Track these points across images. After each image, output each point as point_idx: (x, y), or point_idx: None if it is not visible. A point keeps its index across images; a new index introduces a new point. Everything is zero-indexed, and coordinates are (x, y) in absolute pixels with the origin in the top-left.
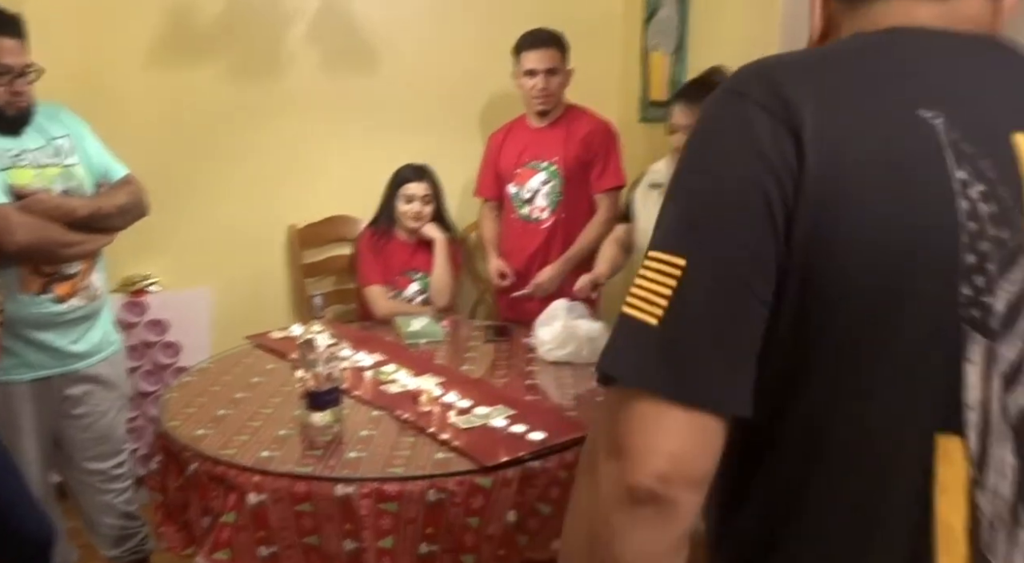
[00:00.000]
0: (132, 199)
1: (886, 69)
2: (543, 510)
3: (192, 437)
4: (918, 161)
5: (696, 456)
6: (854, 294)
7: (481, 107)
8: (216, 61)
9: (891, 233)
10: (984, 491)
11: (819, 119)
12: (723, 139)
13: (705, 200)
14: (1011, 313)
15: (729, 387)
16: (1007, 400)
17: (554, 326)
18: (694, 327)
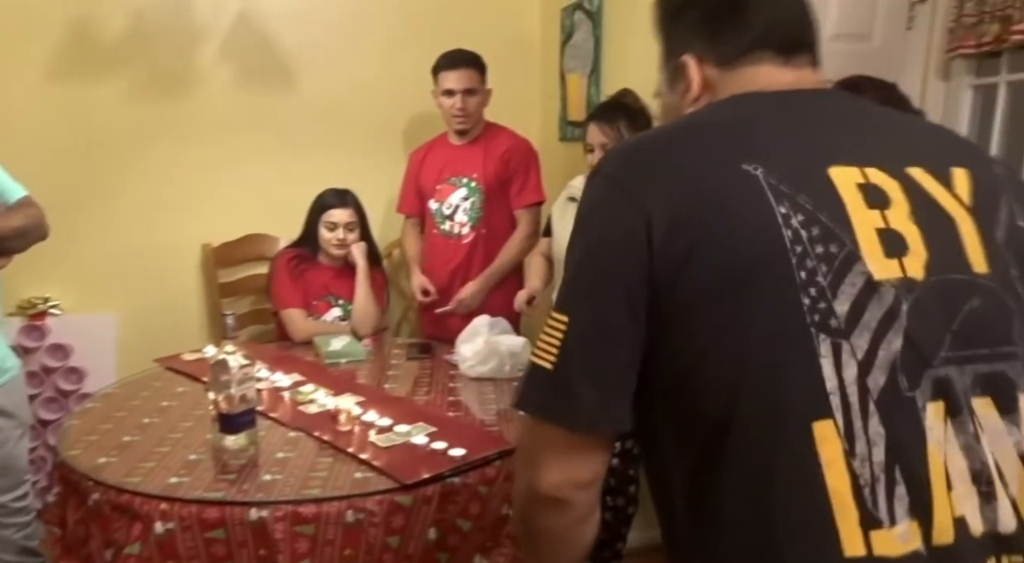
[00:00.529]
0: (30, 222)
1: (720, 135)
2: (463, 526)
3: (93, 466)
4: (748, 204)
5: (581, 468)
6: (714, 325)
7: (403, 124)
8: (122, 77)
9: (736, 267)
10: (855, 459)
11: (666, 195)
12: (593, 217)
13: (580, 268)
14: (854, 311)
15: (604, 412)
16: (867, 382)
17: (476, 342)
18: (575, 370)
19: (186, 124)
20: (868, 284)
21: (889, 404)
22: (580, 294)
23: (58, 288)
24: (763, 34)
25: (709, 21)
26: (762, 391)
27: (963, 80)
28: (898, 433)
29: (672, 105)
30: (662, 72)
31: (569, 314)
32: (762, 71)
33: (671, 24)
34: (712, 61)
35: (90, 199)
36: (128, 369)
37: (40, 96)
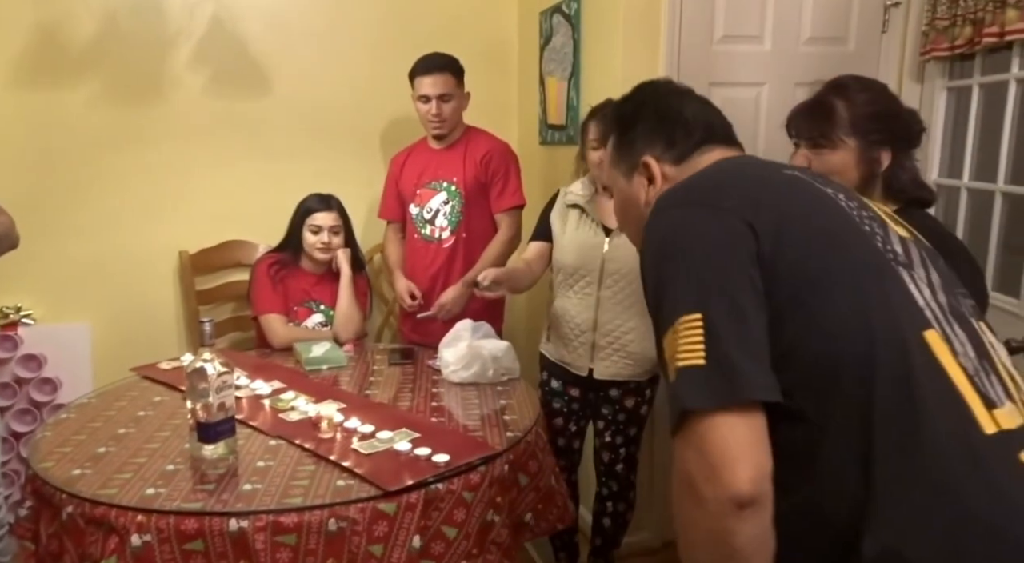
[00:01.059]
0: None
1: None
2: (448, 533)
3: (67, 478)
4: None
5: (765, 452)
6: (822, 280)
7: (382, 129)
8: (93, 80)
9: (824, 230)
10: (959, 356)
11: (743, 202)
12: (688, 232)
13: (695, 271)
14: (906, 253)
15: (767, 380)
16: (939, 299)
17: (459, 347)
18: (727, 351)
19: (160, 129)
20: (901, 238)
21: (958, 316)
22: (706, 290)
23: (30, 297)
24: (705, 133)
25: (660, 130)
26: (884, 319)
27: (937, 82)
28: (971, 336)
29: (630, 195)
30: (615, 168)
31: (701, 310)
32: (714, 154)
33: (626, 133)
34: (669, 160)
35: (62, 205)
36: (104, 379)
37: (7, 100)
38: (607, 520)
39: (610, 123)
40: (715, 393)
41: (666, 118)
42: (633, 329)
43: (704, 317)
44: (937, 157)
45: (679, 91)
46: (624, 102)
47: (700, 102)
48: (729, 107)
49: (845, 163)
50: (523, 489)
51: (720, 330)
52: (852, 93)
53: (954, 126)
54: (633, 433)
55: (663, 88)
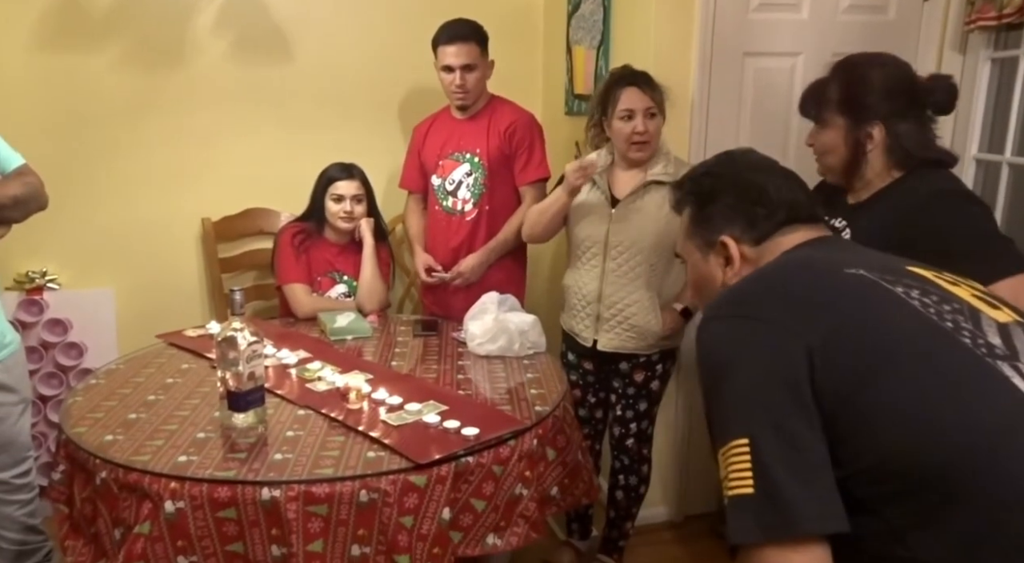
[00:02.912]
0: (29, 190)
1: (807, 264)
2: (477, 506)
3: (100, 444)
4: (868, 294)
5: None
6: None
7: (404, 97)
8: (115, 46)
9: (892, 338)
10: None
11: (802, 316)
12: (744, 351)
13: (746, 394)
14: (1007, 341)
15: (823, 510)
16: None
17: (484, 320)
18: (777, 481)
19: (182, 95)
20: (1000, 324)
21: None
22: (751, 414)
23: (55, 262)
24: (789, 212)
25: (740, 208)
26: (978, 422)
27: (981, 53)
28: None
29: (707, 274)
30: (690, 241)
31: (747, 434)
32: (796, 236)
33: (704, 207)
34: (748, 241)
35: (85, 171)
36: (128, 345)
37: (30, 65)
38: (620, 493)
39: (687, 194)
40: (765, 527)
41: (747, 196)
42: (636, 302)
43: (751, 443)
44: (978, 131)
45: (763, 165)
46: (704, 175)
47: (784, 176)
48: (764, 78)
49: (834, 141)
50: (551, 463)
51: (768, 457)
52: (851, 73)
53: (996, 99)
54: (644, 408)
55: (746, 160)
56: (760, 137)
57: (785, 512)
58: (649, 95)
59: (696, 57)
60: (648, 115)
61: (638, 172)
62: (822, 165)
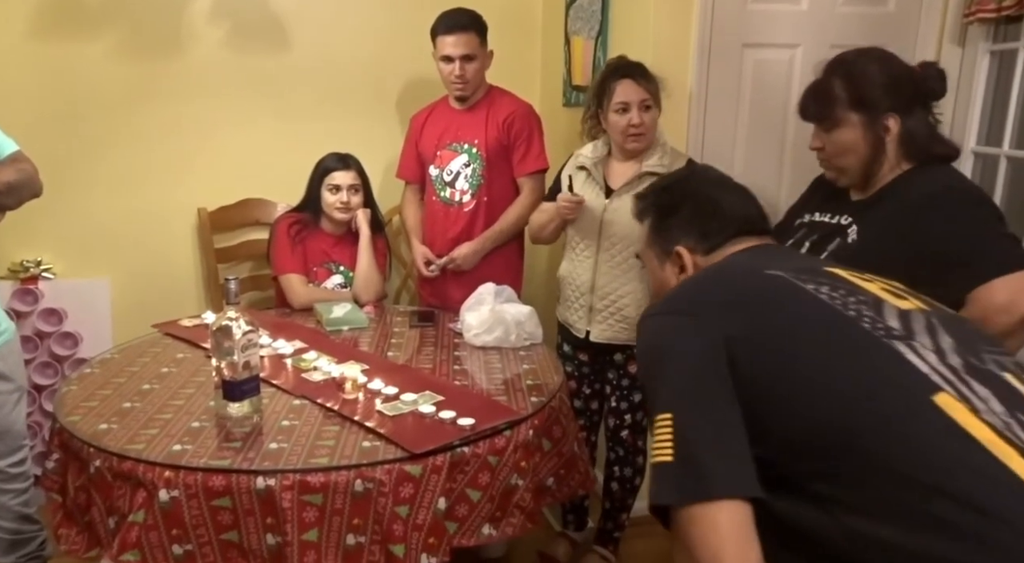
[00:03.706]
0: (22, 177)
1: (750, 263)
2: (472, 496)
3: (93, 432)
4: (785, 291)
5: (745, 541)
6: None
7: (402, 88)
8: (110, 33)
9: (803, 326)
10: (982, 414)
11: (727, 312)
12: (676, 342)
13: (674, 373)
14: (905, 325)
15: (736, 476)
16: (950, 363)
17: (481, 311)
18: (694, 451)
19: (178, 85)
20: (901, 311)
21: (977, 373)
22: (675, 393)
23: (50, 251)
24: (739, 227)
25: (696, 220)
26: (873, 393)
27: (980, 46)
28: (997, 390)
29: (663, 279)
30: (650, 249)
31: (670, 410)
32: (740, 246)
33: (664, 219)
34: (701, 252)
35: (80, 160)
36: (123, 334)
37: (26, 54)
38: (615, 484)
39: (649, 206)
40: (683, 490)
41: (703, 210)
42: (629, 293)
43: (673, 417)
44: (976, 124)
45: (720, 182)
46: (665, 189)
47: (738, 193)
48: (762, 69)
49: (854, 139)
50: (546, 454)
51: (686, 429)
52: (851, 69)
53: (995, 92)
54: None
55: (704, 177)
56: (758, 128)
57: (700, 476)
58: (644, 87)
59: (695, 48)
60: (643, 107)
61: (634, 163)
62: (834, 168)
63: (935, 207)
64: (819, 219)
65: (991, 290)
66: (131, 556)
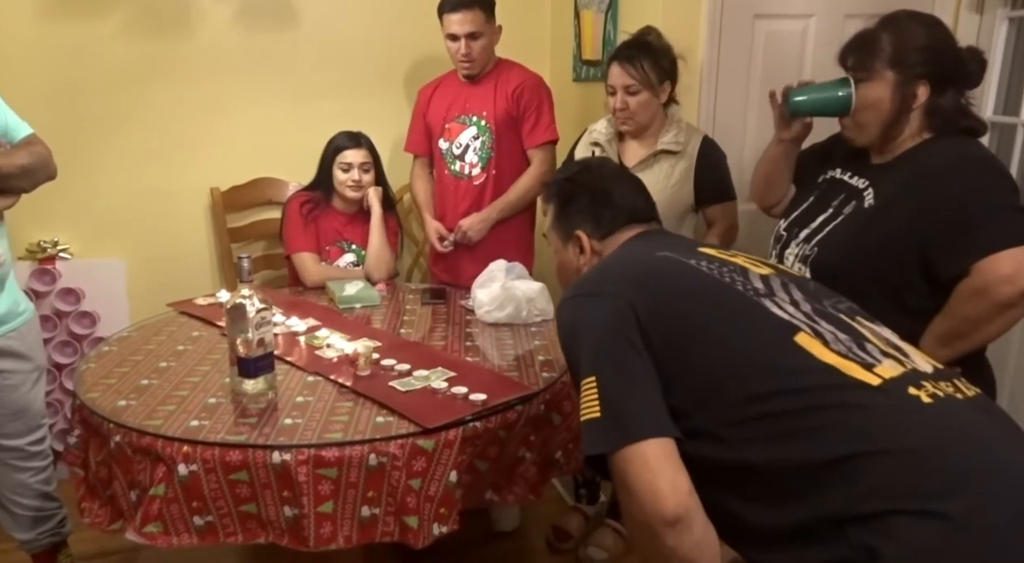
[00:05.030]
0: (36, 160)
1: (635, 250)
2: (480, 466)
3: (113, 409)
4: (674, 266)
5: (676, 473)
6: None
7: (412, 65)
8: (119, 12)
9: (689, 292)
10: (831, 344)
11: (629, 286)
12: (592, 315)
13: (592, 342)
14: (766, 286)
15: (654, 421)
16: (803, 310)
17: (492, 287)
18: (617, 405)
19: (189, 64)
20: (762, 276)
21: (825, 316)
22: (595, 357)
23: (65, 232)
24: (629, 216)
25: (592, 209)
26: (751, 336)
27: (998, 12)
28: (840, 326)
29: (566, 259)
30: (555, 231)
31: (595, 373)
32: (630, 233)
33: (563, 208)
34: (597, 237)
35: (93, 140)
36: (139, 313)
37: (37, 35)
38: None
39: (552, 195)
40: (611, 438)
41: (597, 200)
42: None
43: (597, 379)
44: (993, 93)
45: (614, 176)
46: (565, 180)
47: (629, 186)
48: (774, 40)
49: (880, 96)
50: (556, 428)
51: (609, 388)
52: (901, 26)
53: (1014, 58)
54: None
55: (600, 171)
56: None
57: (626, 424)
58: (630, 73)
59: (705, 20)
60: (628, 92)
61: (649, 140)
62: (855, 124)
63: (951, 175)
64: (840, 177)
65: (997, 261)
66: (154, 528)
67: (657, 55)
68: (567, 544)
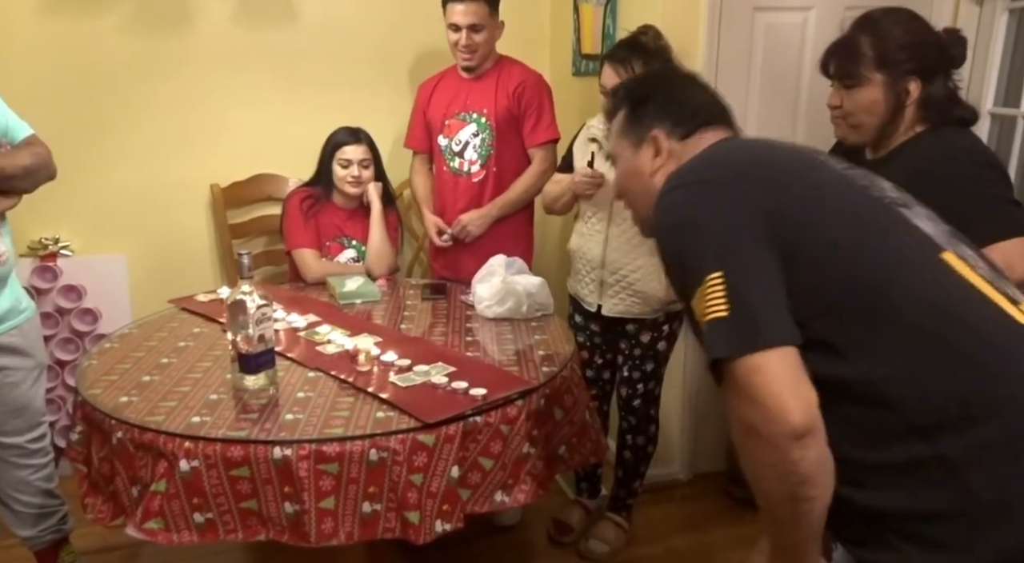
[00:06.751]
0: (38, 160)
1: (744, 144)
2: (485, 464)
3: (115, 405)
4: (801, 159)
5: (804, 383)
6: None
7: (411, 59)
8: (118, 8)
9: (821, 193)
10: (976, 269)
11: (744, 179)
12: (702, 204)
13: (715, 235)
14: (901, 195)
15: (784, 325)
16: (942, 229)
17: (492, 282)
18: (747, 303)
19: (186, 59)
20: (893, 186)
21: (962, 240)
22: (721, 252)
23: (67, 229)
24: (708, 116)
25: (668, 109)
26: (897, 247)
27: (998, 4)
28: (977, 253)
29: (636, 165)
30: (624, 137)
31: (720, 269)
32: (712, 135)
33: (636, 109)
34: (675, 135)
35: (93, 137)
36: (141, 310)
37: (36, 31)
38: (628, 453)
39: (622, 99)
40: (741, 342)
41: (674, 99)
42: (640, 268)
43: (724, 275)
44: (993, 84)
45: (688, 77)
46: (636, 82)
47: (703, 88)
48: (773, 33)
49: (873, 99)
50: (558, 423)
51: (738, 284)
52: (878, 28)
53: (1015, 50)
54: (650, 368)
55: (674, 73)
56: (770, 94)
57: (755, 328)
58: (619, 74)
59: (705, 12)
60: None
61: None
62: (848, 125)
63: (944, 167)
64: None
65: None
66: (154, 524)
67: (650, 57)
68: (568, 538)
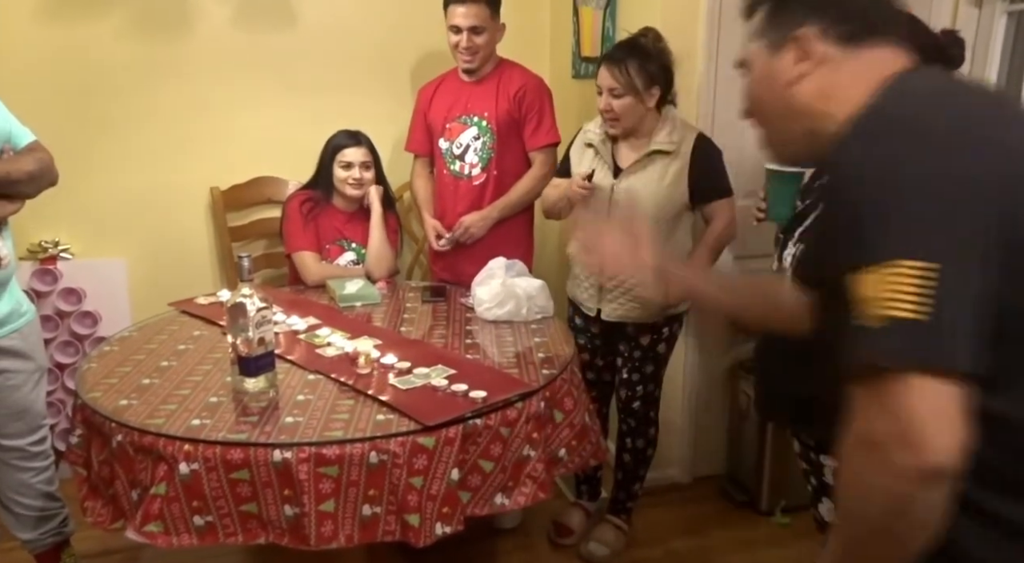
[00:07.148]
0: (41, 166)
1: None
2: (485, 467)
3: (115, 408)
4: None
5: (966, 424)
6: None
7: (412, 62)
8: (117, 13)
9: None
10: None
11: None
12: (941, 170)
13: (939, 215)
14: None
15: (978, 352)
16: None
17: (492, 285)
18: (956, 314)
19: (187, 63)
20: None
21: None
22: (944, 241)
23: (67, 232)
24: (884, 18)
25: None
26: None
27: (997, 6)
28: None
29: (769, 73)
30: (761, 39)
31: (937, 260)
32: (888, 54)
33: (785, 2)
34: (834, 36)
35: (93, 141)
36: (140, 313)
37: (36, 37)
38: (627, 456)
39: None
40: (927, 357)
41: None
42: None
43: (942, 269)
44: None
45: None
46: None
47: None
48: None
49: None
50: (558, 425)
51: (953, 288)
52: None
53: (1013, 53)
54: (650, 371)
55: None
56: None
57: (953, 347)
58: (615, 75)
59: (704, 15)
60: (612, 95)
61: (642, 141)
62: None
63: None
64: None
65: None
66: (154, 527)
67: (647, 59)
68: (569, 540)
